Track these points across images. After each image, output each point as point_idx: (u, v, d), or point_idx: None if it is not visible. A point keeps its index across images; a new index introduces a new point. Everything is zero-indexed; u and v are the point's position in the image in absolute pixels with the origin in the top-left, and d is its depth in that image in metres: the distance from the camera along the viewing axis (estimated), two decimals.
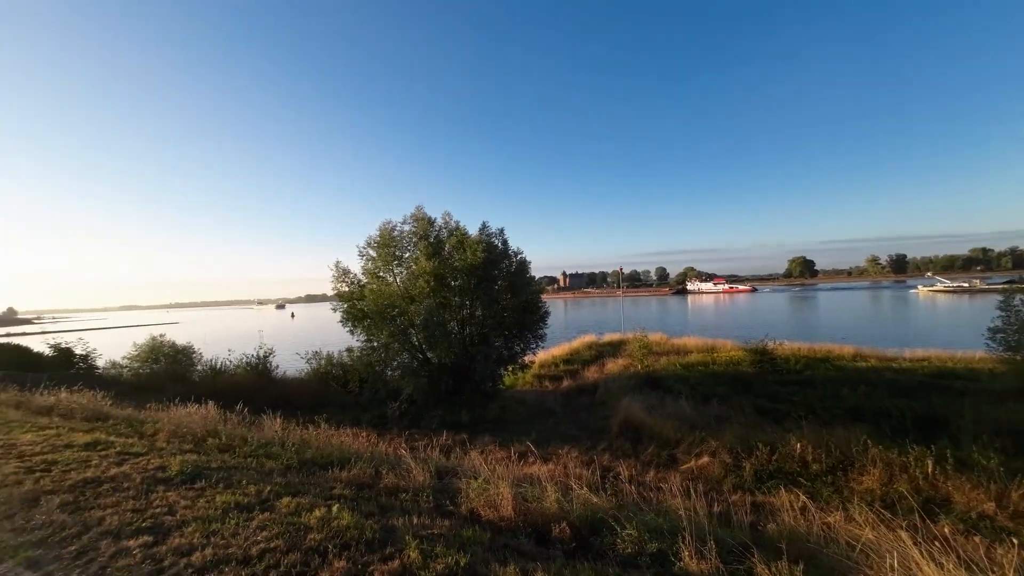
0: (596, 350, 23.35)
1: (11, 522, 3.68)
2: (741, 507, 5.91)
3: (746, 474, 8.92)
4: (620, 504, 5.11)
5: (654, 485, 7.14)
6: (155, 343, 20.65)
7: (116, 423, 8.02)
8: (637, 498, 5.74)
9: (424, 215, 16.05)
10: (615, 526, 4.21)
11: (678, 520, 4.44)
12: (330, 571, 2.89)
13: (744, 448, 9.68)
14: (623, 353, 21.27)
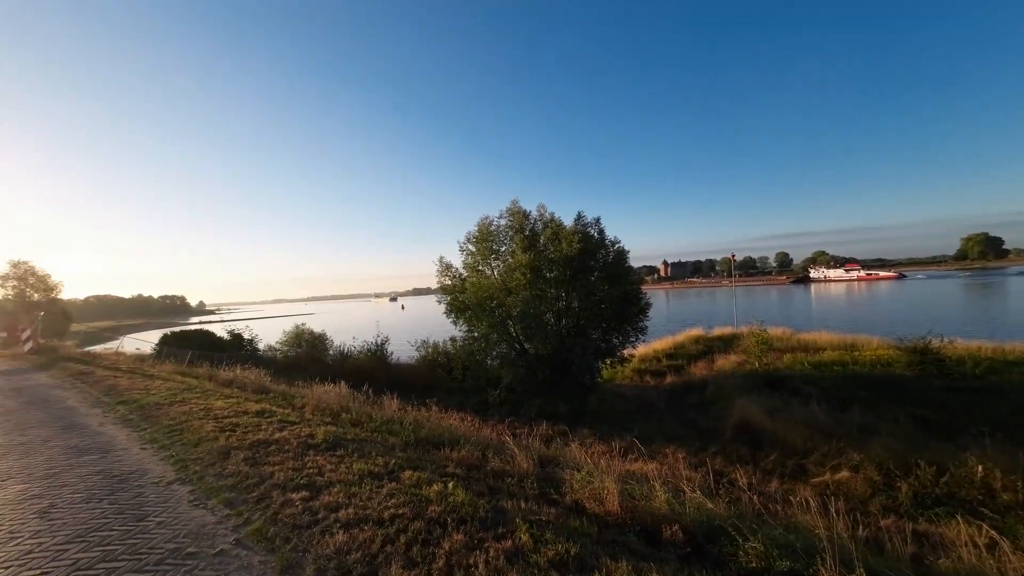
0: (704, 345, 21.57)
1: (213, 469, 4.68)
2: (896, 534, 4.98)
3: (902, 496, 7.50)
4: (739, 513, 4.67)
5: (779, 497, 6.38)
6: (298, 331, 24.47)
7: (275, 396, 9.66)
8: (760, 509, 5.18)
9: (519, 209, 16.36)
10: (735, 536, 3.86)
11: (814, 539, 3.91)
12: (450, 542, 3.12)
13: (899, 465, 8.14)
14: (736, 349, 19.32)
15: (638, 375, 19.37)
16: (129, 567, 3.01)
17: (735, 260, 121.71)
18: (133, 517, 3.74)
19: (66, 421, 7.21)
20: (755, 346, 17.99)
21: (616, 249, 16.36)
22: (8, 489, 4.47)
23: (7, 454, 5.64)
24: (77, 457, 5.38)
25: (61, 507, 3.99)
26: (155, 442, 5.80)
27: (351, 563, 2.91)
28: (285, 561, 2.98)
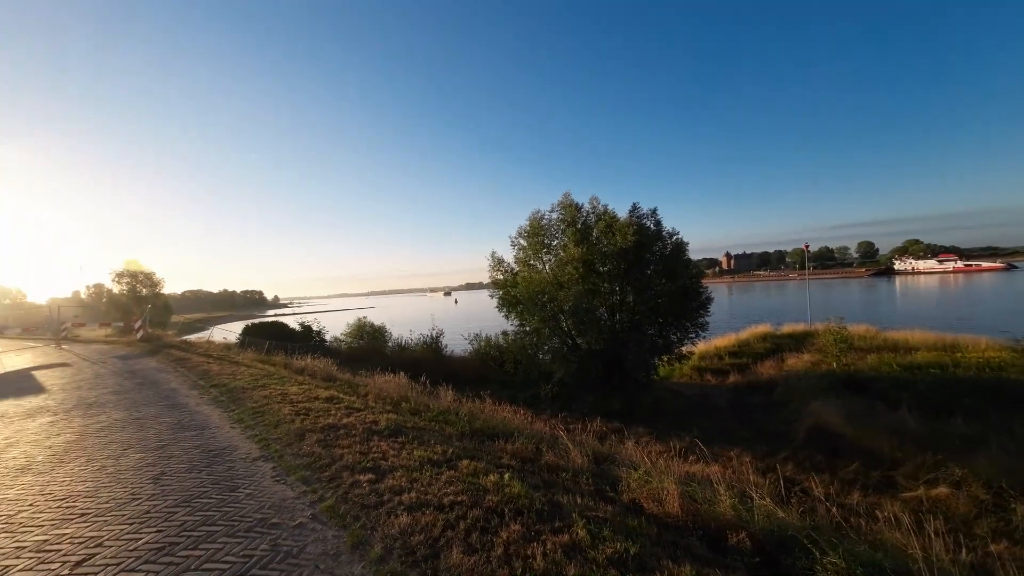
0: (772, 343, 20.09)
1: (291, 449, 5.11)
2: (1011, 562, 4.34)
3: (1018, 519, 6.54)
4: (815, 525, 4.32)
5: (862, 510, 5.81)
6: (360, 323, 25.99)
7: (341, 384, 10.34)
8: (839, 522, 4.76)
9: (571, 202, 16.12)
10: (811, 549, 3.57)
11: (906, 560, 3.53)
12: (508, 532, 3.17)
13: (1014, 483, 7.10)
14: (809, 347, 17.81)
15: (698, 373, 18.47)
16: (225, 531, 3.38)
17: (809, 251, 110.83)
18: (227, 488, 4.19)
19: (171, 401, 8.21)
20: (833, 345, 16.44)
21: (674, 241, 15.64)
22: (129, 457, 5.19)
23: (127, 426, 6.54)
24: (180, 432, 6.12)
25: (170, 475, 4.56)
26: (241, 422, 6.45)
27: (415, 544, 3.05)
28: (355, 537, 3.20)
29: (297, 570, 2.87)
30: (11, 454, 5.62)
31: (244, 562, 2.97)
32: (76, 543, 3.32)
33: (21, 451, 5.69)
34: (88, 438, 6.06)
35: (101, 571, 2.94)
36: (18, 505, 4.08)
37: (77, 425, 6.77)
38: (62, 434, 6.34)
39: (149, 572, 2.90)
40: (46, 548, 3.28)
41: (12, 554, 3.23)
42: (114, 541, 3.31)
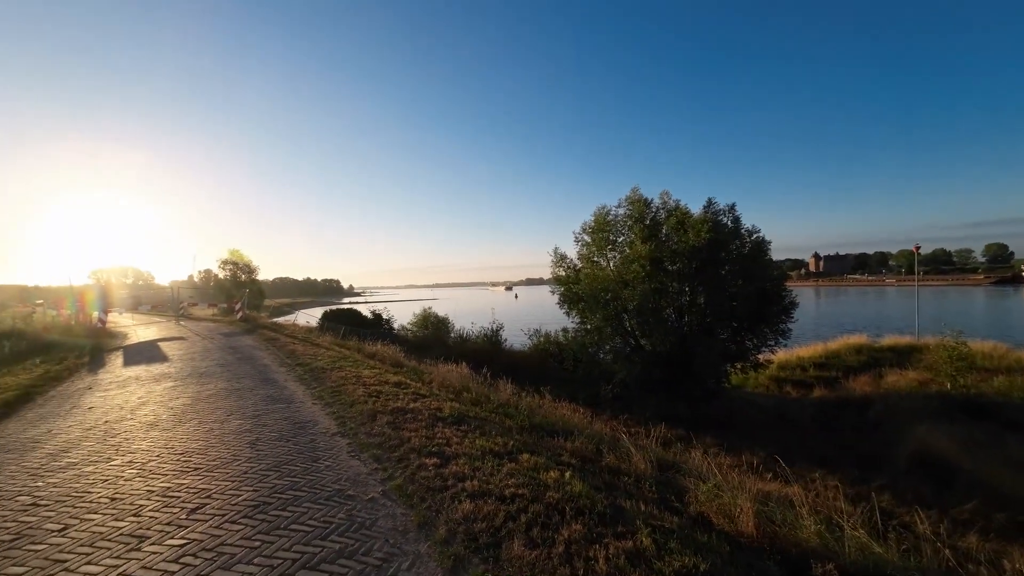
0: (868, 356, 17.88)
1: (364, 428, 5.48)
2: None
3: None
4: (920, 566, 3.79)
5: (983, 557, 4.97)
6: (426, 314, 27.18)
7: (408, 371, 10.89)
8: (952, 566, 4.12)
9: (639, 196, 15.45)
10: None
11: None
12: (569, 531, 3.14)
13: None
14: (916, 364, 15.60)
15: (776, 384, 16.95)
16: (309, 497, 3.71)
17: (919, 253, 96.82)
18: (310, 458, 4.60)
19: (264, 375, 9.19)
20: (948, 362, 14.20)
21: (754, 240, 14.40)
22: (231, 422, 5.89)
23: (229, 395, 7.43)
24: (272, 404, 6.83)
25: (263, 442, 5.11)
26: (321, 399, 7.04)
27: (477, 531, 3.13)
28: (421, 517, 3.35)
29: (370, 541, 3.06)
30: (143, 411, 6.64)
31: (324, 527, 3.24)
32: (191, 493, 3.84)
33: (150, 410, 6.71)
34: (200, 403, 6.98)
35: (210, 520, 3.37)
36: (148, 455, 4.81)
37: (192, 391, 7.83)
38: (180, 398, 7.37)
39: (247, 526, 3.27)
40: (169, 494, 3.83)
41: (144, 496, 3.82)
42: (220, 495, 3.78)
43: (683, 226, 13.89)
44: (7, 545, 3.16)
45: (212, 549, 2.98)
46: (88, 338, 16.56)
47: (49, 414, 6.89)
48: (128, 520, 3.41)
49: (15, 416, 6.91)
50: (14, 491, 4.08)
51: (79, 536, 3.22)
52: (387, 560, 2.86)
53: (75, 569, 2.84)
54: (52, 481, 4.25)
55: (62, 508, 3.68)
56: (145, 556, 2.94)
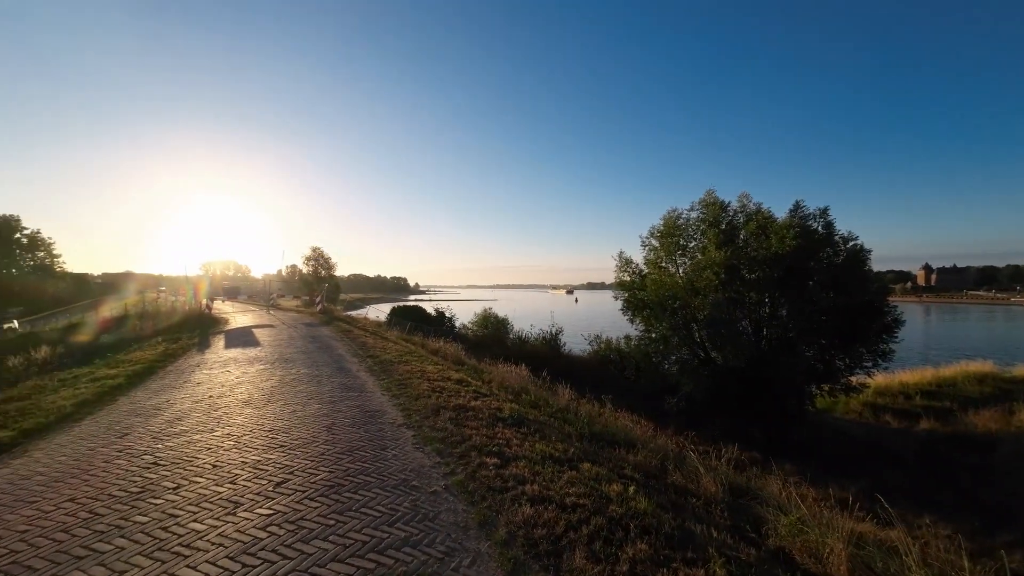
0: (995, 387, 15.26)
1: (428, 422, 5.67)
2: None
3: None
4: None
5: None
6: (486, 314, 27.70)
7: (468, 369, 11.13)
8: None
9: (715, 199, 14.51)
10: None
11: None
12: (634, 549, 2.98)
13: None
14: None
15: (871, 411, 14.97)
16: (377, 483, 3.91)
17: None
18: (378, 446, 4.85)
19: (339, 364, 9.90)
20: None
21: (849, 248, 12.87)
22: (311, 406, 6.40)
23: (310, 381, 8.09)
24: (345, 392, 7.32)
25: (338, 427, 5.48)
26: (389, 391, 7.41)
27: (537, 537, 3.08)
28: (482, 516, 3.37)
29: (433, 533, 3.14)
30: (239, 390, 7.44)
31: (391, 514, 3.38)
32: (277, 467, 4.21)
33: (245, 389, 7.50)
34: (285, 386, 7.68)
35: (292, 495, 3.66)
36: (243, 429, 5.37)
37: (278, 374, 8.64)
38: (269, 380, 8.16)
39: (323, 504, 3.51)
40: (259, 467, 4.23)
41: (239, 466, 4.26)
42: (301, 472, 4.11)
43: (764, 231, 12.80)
44: (135, 496, 3.69)
45: (294, 522, 3.24)
46: (199, 322, 19.01)
47: (167, 386, 7.98)
48: (226, 486, 3.82)
49: (142, 386, 8.09)
50: (141, 450, 4.76)
51: (188, 496, 3.67)
52: (449, 554, 2.91)
53: (184, 524, 3.23)
54: (169, 445, 4.90)
55: (176, 469, 4.22)
56: (239, 521, 3.27)
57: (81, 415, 6.25)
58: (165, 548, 2.94)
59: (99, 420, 6.01)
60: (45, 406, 6.51)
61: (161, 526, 3.21)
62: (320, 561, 2.79)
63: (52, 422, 5.88)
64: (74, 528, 3.22)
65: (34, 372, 10.02)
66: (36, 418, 5.94)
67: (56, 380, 8.41)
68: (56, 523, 3.30)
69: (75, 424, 5.86)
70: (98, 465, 4.39)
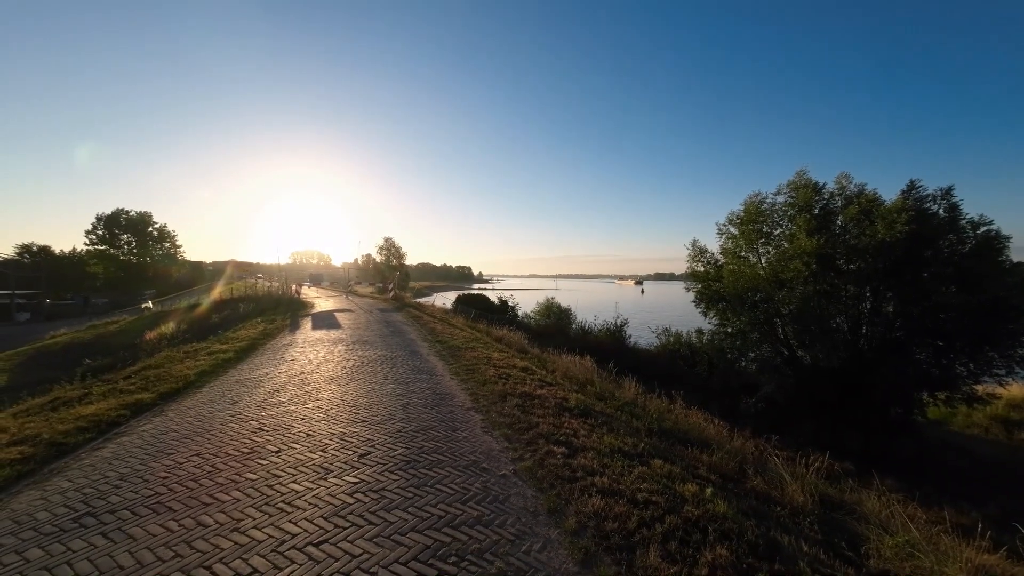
0: None
1: (496, 407, 5.81)
2: None
3: None
4: None
5: None
6: (549, 303, 27.65)
7: (532, 357, 11.20)
8: None
9: (807, 181, 13.02)
10: None
11: None
12: (713, 554, 2.82)
13: None
14: None
15: (1003, 427, 12.73)
16: (449, 462, 4.09)
17: None
18: (449, 427, 5.06)
19: (410, 348, 10.47)
20: None
21: (980, 234, 10.90)
22: (387, 386, 6.85)
23: (386, 362, 8.65)
24: (417, 374, 7.73)
25: (412, 406, 5.81)
26: (458, 375, 7.69)
27: (608, 530, 3.03)
28: (551, 503, 3.39)
29: (503, 515, 3.22)
30: (325, 368, 8.16)
31: (464, 492, 3.52)
32: (360, 440, 4.57)
33: (330, 367, 8.21)
34: (365, 366, 8.29)
35: (375, 466, 3.95)
36: (330, 403, 5.89)
37: (358, 355, 9.34)
38: (350, 360, 8.85)
39: (402, 477, 3.75)
40: (345, 439, 4.62)
41: (328, 436, 4.68)
42: (381, 446, 4.42)
43: (868, 216, 11.27)
44: (245, 456, 4.21)
45: (377, 491, 3.50)
46: (289, 305, 21.13)
47: (267, 361, 8.99)
48: (318, 454, 4.23)
49: (247, 360, 9.19)
50: (248, 416, 5.42)
51: (287, 459, 4.11)
52: (520, 537, 2.97)
53: (286, 484, 3.63)
54: (270, 413, 5.53)
55: (277, 435, 4.75)
56: (330, 485, 3.60)
57: (201, 383, 7.26)
58: (271, 504, 3.33)
59: (215, 388, 6.94)
60: (175, 374, 7.65)
61: (267, 484, 3.64)
62: (401, 530, 2.99)
63: (181, 388, 6.89)
64: (201, 479, 3.76)
65: (165, 345, 11.81)
66: (169, 384, 7.00)
67: (182, 352, 9.84)
68: (187, 473, 3.87)
69: (197, 390, 6.82)
70: (216, 427, 5.07)
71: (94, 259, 47.09)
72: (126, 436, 4.90)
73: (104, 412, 5.53)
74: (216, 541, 2.89)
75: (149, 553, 2.78)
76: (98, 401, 6.17)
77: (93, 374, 8.44)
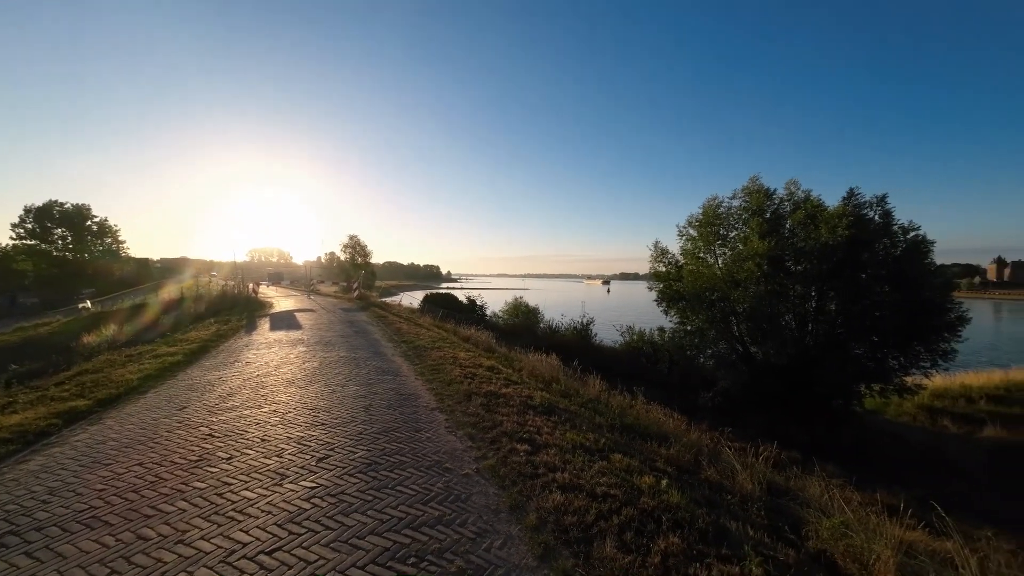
0: None
1: (460, 407, 5.79)
2: None
3: None
4: None
5: None
6: (517, 302, 27.78)
7: (499, 356, 11.22)
8: None
9: (759, 186, 13.79)
10: None
11: None
12: (666, 542, 2.95)
13: None
14: None
15: (927, 415, 13.97)
16: (412, 463, 4.04)
17: None
18: (413, 428, 5.00)
19: (375, 348, 10.25)
20: None
21: (909, 239, 11.92)
22: (349, 387, 6.68)
23: (348, 364, 8.43)
24: (381, 375, 7.58)
25: (375, 408, 5.70)
26: (423, 375, 7.61)
27: (567, 524, 3.10)
28: (513, 500, 3.43)
29: (465, 514, 3.23)
30: (283, 370, 7.86)
31: (425, 493, 3.50)
32: (319, 444, 4.44)
33: (288, 369, 7.92)
34: (326, 367, 8.04)
35: (333, 470, 3.85)
36: (288, 407, 5.68)
37: (319, 356, 9.05)
38: (310, 361, 8.56)
39: (362, 480, 3.68)
40: (303, 442, 4.47)
41: (284, 441, 4.52)
42: (341, 449, 4.31)
43: (813, 221, 12.06)
44: (193, 464, 4.00)
45: (335, 495, 3.41)
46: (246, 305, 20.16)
47: (220, 364, 8.54)
48: (273, 459, 4.07)
49: (197, 363, 8.70)
50: (197, 422, 5.14)
51: (240, 466, 3.94)
52: (480, 535, 2.98)
53: (237, 492, 3.47)
54: (222, 418, 5.27)
55: (229, 441, 4.53)
56: (285, 491, 3.48)
57: (146, 388, 6.81)
58: (221, 513, 3.18)
59: (161, 393, 6.53)
60: (115, 379, 7.14)
61: (216, 492, 3.47)
62: (359, 534, 2.94)
63: (122, 393, 6.44)
64: (142, 489, 3.53)
65: (105, 348, 10.98)
66: (108, 389, 6.53)
67: (124, 356, 9.18)
68: (127, 484, 3.63)
69: (141, 396, 6.39)
70: (161, 434, 4.78)
71: (22, 255, 43.05)
72: (57, 447, 4.54)
73: (31, 422, 5.09)
74: (158, 555, 2.74)
75: (81, 571, 2.59)
76: (24, 410, 5.67)
77: (20, 381, 7.73)
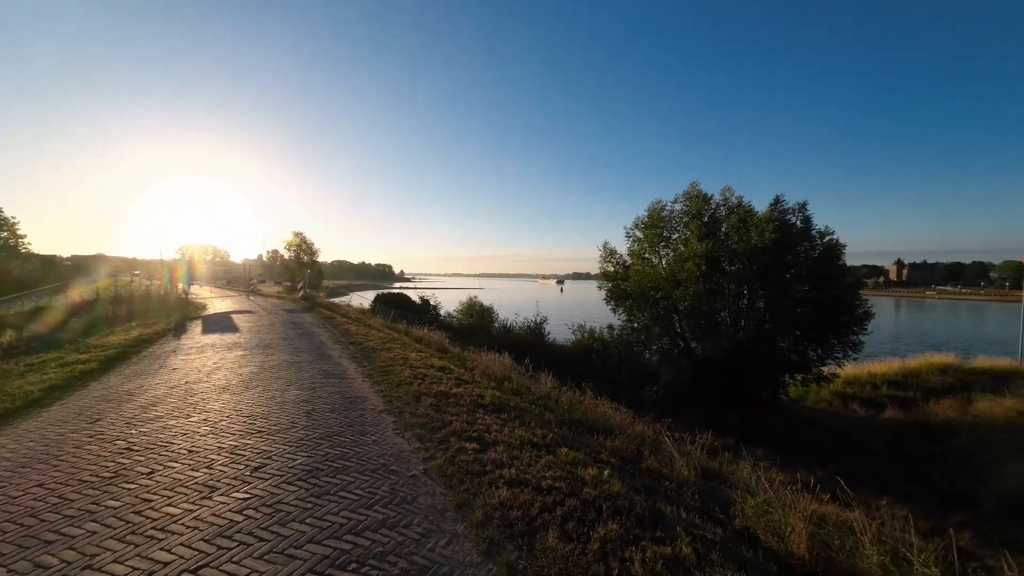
0: (955, 377, 15.99)
1: (409, 408, 5.70)
2: None
3: None
4: None
5: None
6: (471, 302, 27.69)
7: (452, 356, 11.15)
8: None
9: (699, 192, 14.70)
10: None
11: None
12: (605, 529, 3.09)
13: None
14: (1017, 390, 13.72)
15: (840, 400, 15.57)
16: (356, 468, 3.93)
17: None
18: (358, 432, 4.86)
19: (320, 351, 9.81)
20: None
21: (825, 243, 13.25)
22: (291, 392, 6.36)
23: (290, 367, 8.01)
24: (326, 378, 7.28)
25: (318, 412, 5.47)
26: (371, 377, 7.40)
27: (512, 519, 3.16)
28: (459, 499, 3.44)
29: (410, 516, 3.20)
30: (217, 376, 7.33)
31: (369, 497, 3.42)
32: (255, 453, 4.20)
33: (223, 375, 7.39)
34: (264, 372, 7.60)
35: (270, 479, 3.66)
36: (220, 415, 5.31)
37: (258, 360, 8.53)
38: (248, 366, 8.05)
39: (301, 488, 3.53)
40: (236, 452, 4.21)
41: (215, 451, 4.23)
42: (279, 457, 4.10)
43: (745, 225, 13.06)
44: (107, 481, 3.64)
45: (271, 505, 3.25)
46: (175, 307, 18.53)
47: (142, 372, 7.81)
48: (202, 471, 3.80)
49: (115, 371, 7.90)
50: (113, 436, 4.68)
51: (162, 480, 3.64)
52: (426, 535, 2.97)
53: (158, 508, 3.21)
54: (143, 430, 4.82)
55: (150, 454, 4.17)
56: (215, 505, 3.26)
57: (50, 400, 6.09)
58: (138, 532, 2.93)
59: (69, 405, 5.87)
60: (11, 391, 6.31)
61: (134, 510, 3.19)
62: (297, 543, 2.82)
63: (19, 407, 5.71)
64: (43, 513, 3.17)
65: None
66: (1, 403, 5.76)
67: (23, 365, 8.14)
68: (24, 508, 3.24)
69: (43, 409, 5.70)
70: (68, 451, 4.30)
71: None
72: None
73: None
74: None
75: None
76: None
77: None
